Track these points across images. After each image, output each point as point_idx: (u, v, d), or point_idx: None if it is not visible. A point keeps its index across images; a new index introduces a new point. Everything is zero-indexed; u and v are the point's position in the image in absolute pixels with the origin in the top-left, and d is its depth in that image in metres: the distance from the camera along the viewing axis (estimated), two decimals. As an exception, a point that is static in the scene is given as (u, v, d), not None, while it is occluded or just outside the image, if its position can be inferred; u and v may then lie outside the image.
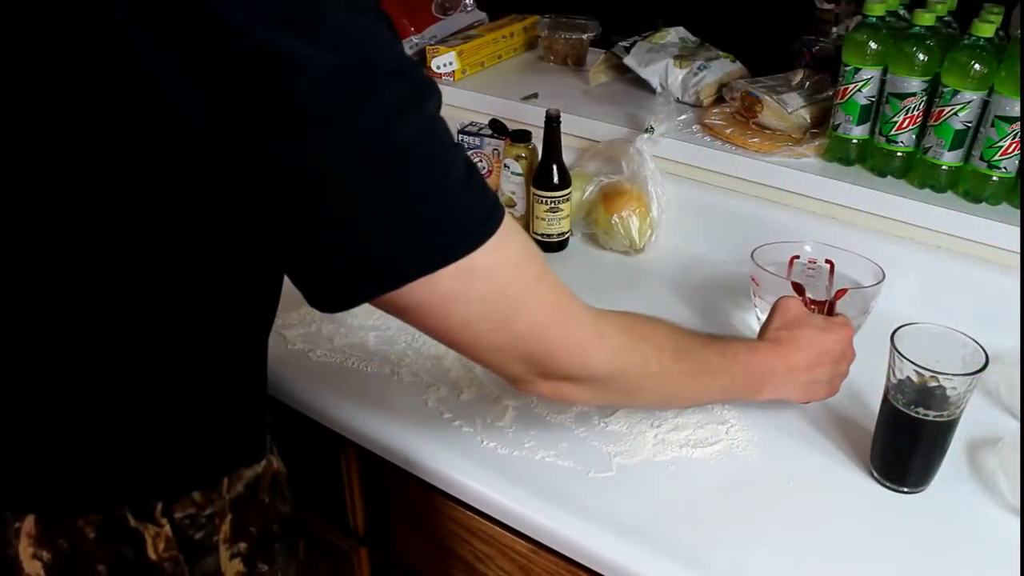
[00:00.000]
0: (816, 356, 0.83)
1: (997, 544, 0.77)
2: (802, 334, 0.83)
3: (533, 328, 0.60)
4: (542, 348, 0.62)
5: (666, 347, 0.71)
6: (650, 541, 0.76)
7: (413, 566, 1.04)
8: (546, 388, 0.66)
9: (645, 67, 1.35)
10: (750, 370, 0.80)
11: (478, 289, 0.56)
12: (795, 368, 0.82)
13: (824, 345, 0.84)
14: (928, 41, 1.04)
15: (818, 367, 0.84)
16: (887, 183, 1.11)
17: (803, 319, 0.85)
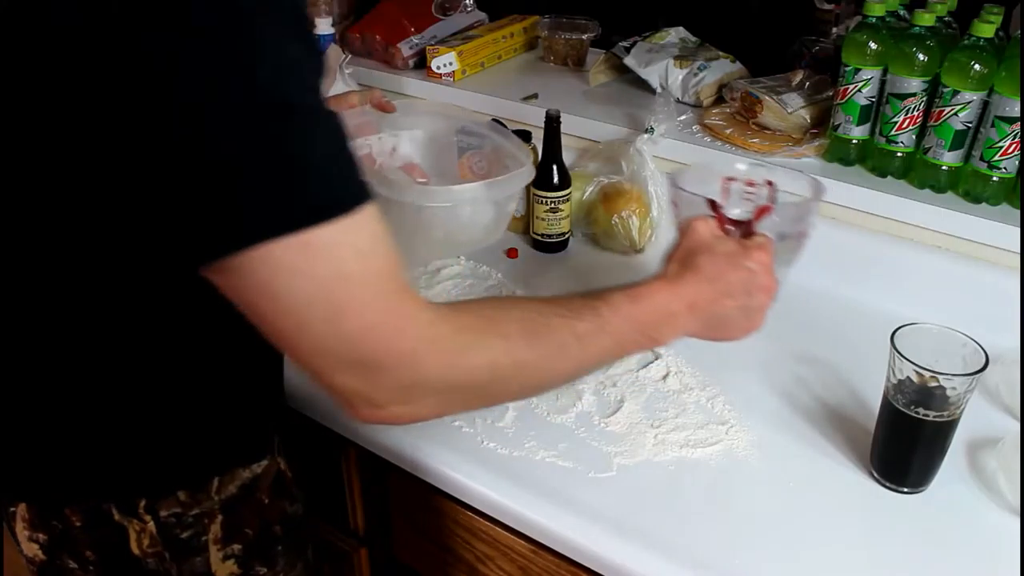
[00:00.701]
0: (723, 288, 0.72)
1: (997, 544, 0.77)
2: (705, 263, 0.73)
3: (363, 331, 0.54)
4: (371, 355, 0.55)
5: (515, 333, 0.63)
6: (650, 541, 0.76)
7: (413, 566, 1.03)
8: (384, 413, 0.58)
9: (645, 67, 1.35)
10: (637, 322, 0.70)
11: (316, 269, 0.52)
12: (698, 305, 0.72)
13: (733, 274, 0.73)
14: (928, 41, 1.04)
15: (727, 300, 0.73)
16: (887, 183, 1.11)
17: (709, 244, 0.74)
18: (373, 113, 1.06)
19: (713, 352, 1.00)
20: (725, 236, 0.76)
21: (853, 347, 1.01)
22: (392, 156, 1.13)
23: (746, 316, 0.75)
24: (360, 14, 1.61)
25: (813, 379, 0.97)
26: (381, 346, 0.55)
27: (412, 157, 1.16)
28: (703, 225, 0.76)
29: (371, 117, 1.07)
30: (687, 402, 0.93)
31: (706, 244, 0.74)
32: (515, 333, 0.63)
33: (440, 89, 1.45)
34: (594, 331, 0.67)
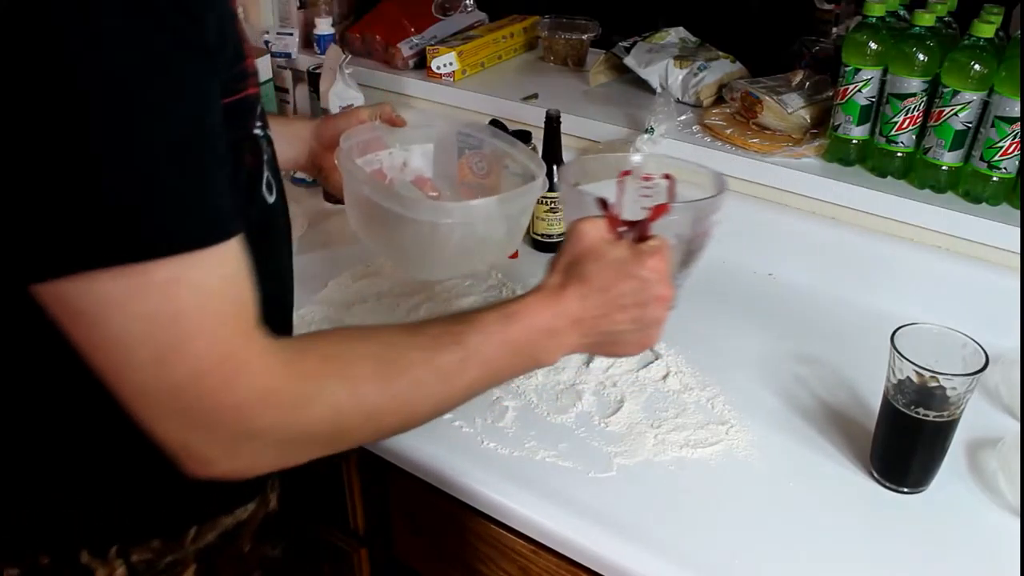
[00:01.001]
0: (613, 301, 0.66)
1: (997, 544, 0.77)
2: (592, 272, 0.65)
3: (190, 380, 0.49)
4: (197, 406, 0.50)
5: (365, 376, 0.57)
6: (650, 541, 0.76)
7: (413, 566, 1.03)
8: (214, 469, 0.53)
9: (645, 67, 1.35)
10: (513, 345, 0.64)
11: (145, 306, 0.47)
12: (584, 320, 0.65)
13: (624, 284, 0.66)
14: (928, 41, 1.04)
15: (617, 313, 0.66)
16: (887, 183, 1.11)
17: (597, 250, 0.67)
18: (383, 128, 1.05)
19: (713, 352, 1.00)
20: (616, 240, 0.68)
21: (853, 347, 1.01)
22: (403, 171, 1.11)
23: (640, 330, 0.68)
24: (360, 14, 1.61)
25: (813, 379, 0.97)
26: (208, 398, 0.49)
27: (424, 171, 1.14)
28: (591, 228, 0.68)
29: (381, 132, 1.06)
30: (687, 402, 0.93)
31: (594, 250, 0.67)
32: (365, 375, 0.57)
33: (440, 89, 1.45)
34: (458, 363, 0.61)
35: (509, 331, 0.63)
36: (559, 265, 0.68)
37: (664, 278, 0.67)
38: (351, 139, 1.00)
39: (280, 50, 1.55)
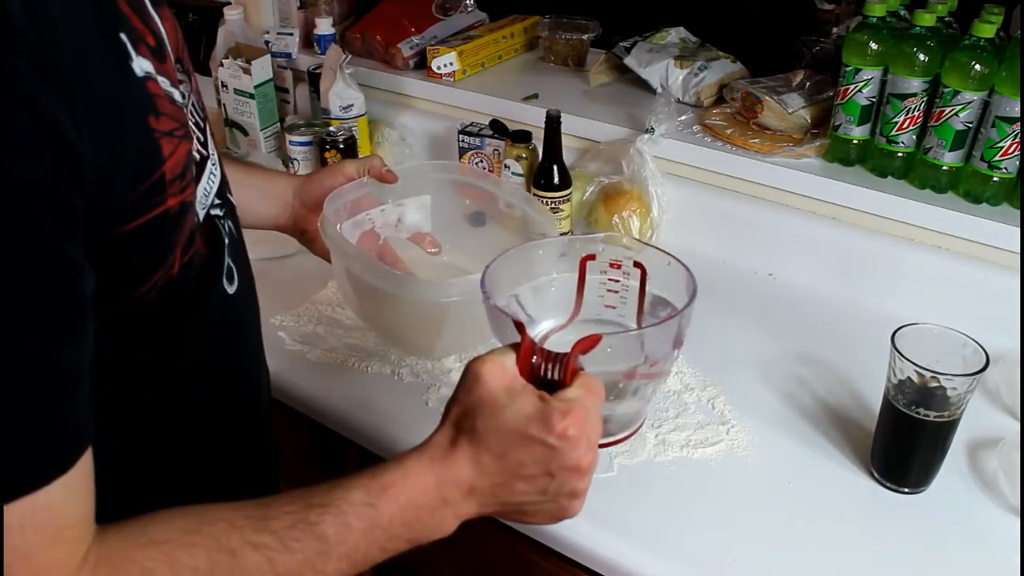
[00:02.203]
0: (511, 469, 0.54)
1: (997, 544, 0.77)
2: (485, 431, 0.53)
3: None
4: None
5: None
6: (650, 541, 0.76)
7: (413, 566, 1.03)
8: None
9: (645, 67, 1.35)
10: (386, 530, 0.54)
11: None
12: (478, 488, 0.54)
13: (525, 451, 0.53)
14: (928, 41, 1.04)
15: (518, 484, 0.54)
16: (888, 183, 1.11)
17: (493, 403, 0.53)
18: (373, 184, 0.95)
19: (713, 352, 1.00)
20: (521, 388, 0.54)
21: (853, 347, 1.01)
22: (398, 227, 1.00)
23: (551, 501, 0.55)
24: (360, 14, 1.61)
25: (813, 379, 0.97)
26: None
27: (421, 226, 1.01)
28: (490, 370, 0.54)
29: (371, 188, 0.96)
30: (688, 402, 0.93)
31: (489, 402, 0.53)
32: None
33: (440, 89, 1.45)
34: (311, 563, 0.50)
35: (380, 512, 0.52)
36: (450, 416, 0.56)
37: (580, 441, 0.53)
38: (337, 201, 0.90)
39: (280, 50, 1.55)
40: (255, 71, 1.44)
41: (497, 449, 0.53)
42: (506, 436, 0.53)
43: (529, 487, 0.54)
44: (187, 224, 0.55)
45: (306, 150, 1.40)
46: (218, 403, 0.66)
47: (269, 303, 0.74)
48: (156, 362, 0.58)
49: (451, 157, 1.39)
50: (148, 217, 0.50)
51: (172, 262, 0.54)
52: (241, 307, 0.67)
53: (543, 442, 0.53)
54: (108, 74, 0.45)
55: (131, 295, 0.52)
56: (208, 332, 0.62)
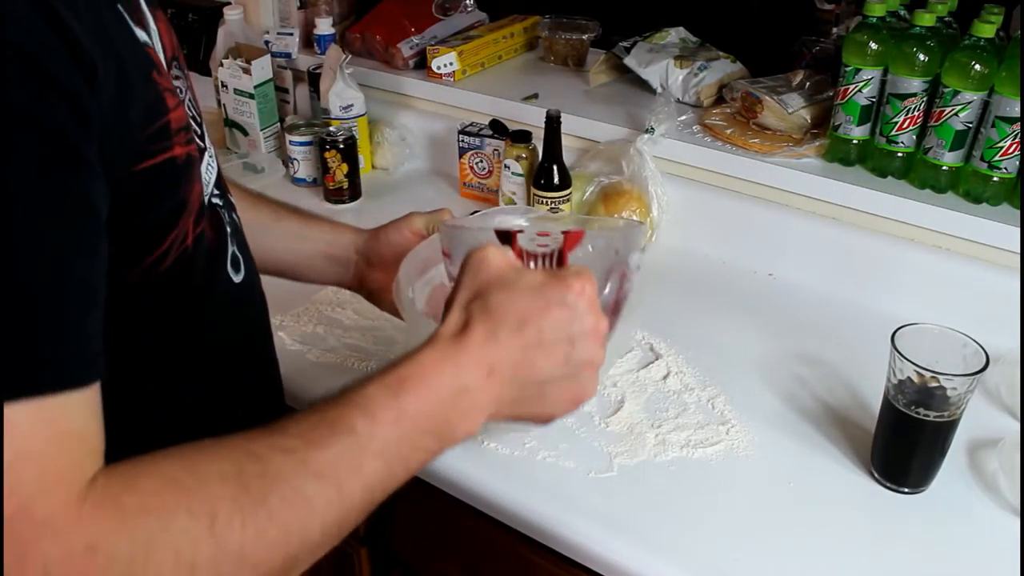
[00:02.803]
0: (534, 337, 0.52)
1: (997, 544, 0.77)
2: (503, 303, 0.52)
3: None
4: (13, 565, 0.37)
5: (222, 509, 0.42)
6: (650, 541, 0.76)
7: (413, 566, 1.03)
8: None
9: (645, 67, 1.35)
10: (413, 424, 0.50)
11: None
12: (499, 368, 0.51)
13: (544, 316, 0.52)
14: (928, 41, 1.04)
15: (539, 358, 0.52)
16: (888, 183, 1.11)
17: (504, 279, 0.53)
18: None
19: (713, 352, 1.00)
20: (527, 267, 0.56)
21: (853, 347, 1.01)
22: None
23: (571, 377, 0.54)
24: (360, 14, 1.61)
25: (813, 379, 0.97)
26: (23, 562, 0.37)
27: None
28: (494, 254, 0.54)
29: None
30: (688, 402, 0.93)
31: (501, 278, 0.53)
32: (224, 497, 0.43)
33: (440, 89, 1.45)
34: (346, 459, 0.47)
35: (403, 404, 0.49)
36: (457, 302, 0.54)
37: (595, 305, 0.53)
38: (410, 263, 0.78)
39: (280, 50, 1.55)
40: (255, 71, 1.44)
41: (514, 319, 0.51)
42: (523, 304, 0.52)
43: (549, 360, 0.52)
44: (195, 185, 0.55)
45: (306, 150, 1.40)
46: (222, 400, 0.66)
47: (269, 303, 0.75)
48: (161, 350, 0.58)
49: (451, 157, 1.40)
50: (158, 160, 0.49)
51: (186, 231, 0.54)
52: (247, 299, 0.66)
53: (562, 302, 0.52)
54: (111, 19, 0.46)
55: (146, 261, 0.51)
56: (214, 320, 0.61)
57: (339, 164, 1.33)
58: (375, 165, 1.49)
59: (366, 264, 0.85)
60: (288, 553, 0.45)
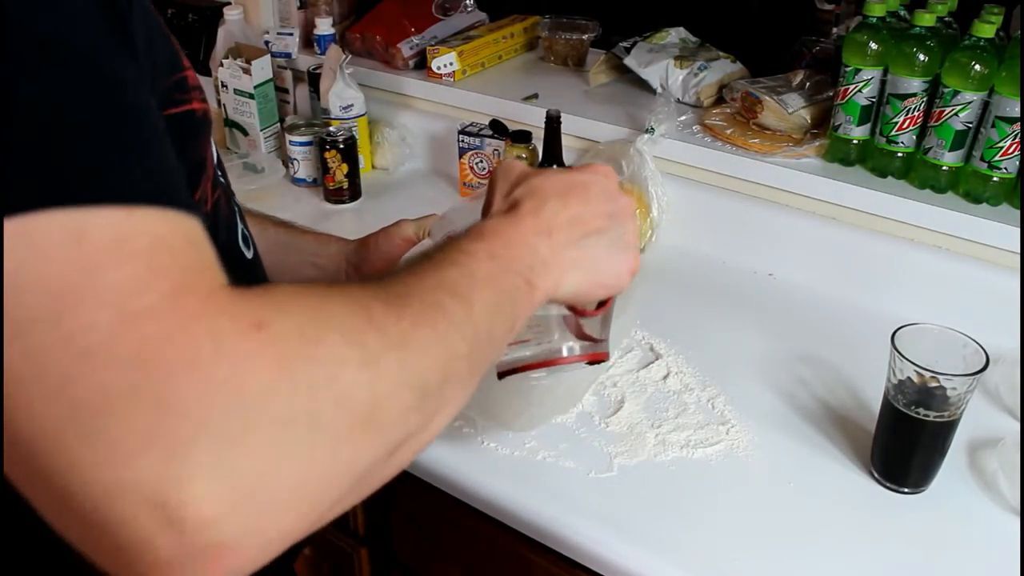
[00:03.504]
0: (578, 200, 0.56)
1: (997, 544, 0.77)
2: (540, 183, 0.56)
3: (136, 366, 0.32)
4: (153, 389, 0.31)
5: (371, 298, 0.41)
6: (650, 541, 0.76)
7: (413, 566, 1.04)
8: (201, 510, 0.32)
9: (645, 68, 1.35)
10: (500, 262, 0.50)
11: (39, 266, 0.31)
12: (557, 228, 0.54)
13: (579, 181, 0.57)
14: (928, 42, 1.04)
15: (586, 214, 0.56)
16: (888, 183, 1.12)
17: (534, 172, 0.58)
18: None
19: (713, 352, 1.00)
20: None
21: (853, 347, 1.01)
22: None
23: (624, 246, 0.58)
24: (360, 14, 1.61)
25: (813, 379, 0.97)
26: (166, 376, 0.32)
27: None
28: (518, 164, 0.59)
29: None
30: (687, 402, 0.93)
31: (531, 172, 0.58)
32: (374, 306, 0.41)
33: (440, 89, 1.45)
34: (464, 283, 0.47)
35: (488, 247, 0.50)
36: (496, 198, 0.56)
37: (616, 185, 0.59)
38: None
39: (280, 50, 1.55)
40: (255, 71, 1.44)
41: (557, 192, 0.55)
42: (561, 181, 0.56)
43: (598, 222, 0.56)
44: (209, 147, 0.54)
45: (306, 150, 1.40)
46: None
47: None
48: None
49: (451, 157, 1.40)
50: (181, 109, 0.49)
51: (206, 195, 0.53)
52: (259, 276, 0.66)
53: (594, 180, 0.57)
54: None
55: None
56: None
57: (339, 164, 1.33)
58: (375, 165, 1.49)
59: (356, 273, 0.85)
60: (441, 360, 0.43)
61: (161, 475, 0.31)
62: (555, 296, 0.55)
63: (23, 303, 0.31)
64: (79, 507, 0.31)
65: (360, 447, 0.37)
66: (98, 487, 0.31)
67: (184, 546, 0.31)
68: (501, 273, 0.50)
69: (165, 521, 0.31)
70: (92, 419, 0.31)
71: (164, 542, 0.31)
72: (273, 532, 0.34)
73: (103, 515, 0.31)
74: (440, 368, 0.42)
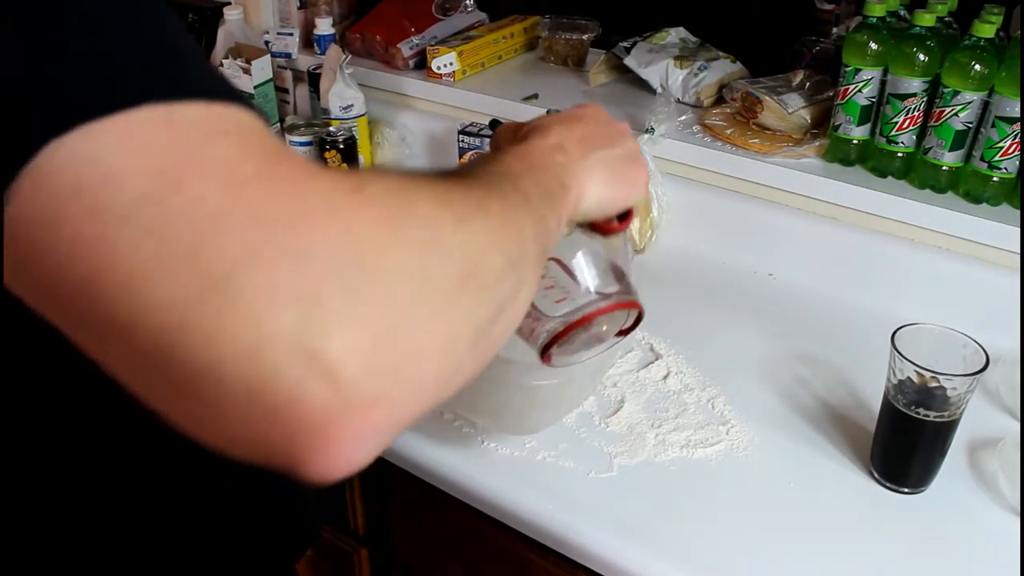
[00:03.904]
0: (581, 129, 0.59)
1: (997, 544, 0.77)
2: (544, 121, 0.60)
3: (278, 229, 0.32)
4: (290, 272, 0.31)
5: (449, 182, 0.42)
6: (650, 541, 0.76)
7: (413, 566, 1.04)
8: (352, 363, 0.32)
9: (645, 68, 1.35)
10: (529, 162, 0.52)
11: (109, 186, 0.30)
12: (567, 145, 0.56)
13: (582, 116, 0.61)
14: (928, 42, 1.04)
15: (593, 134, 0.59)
16: (887, 184, 1.12)
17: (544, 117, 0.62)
18: None
19: (713, 352, 1.00)
20: None
21: (853, 347, 1.01)
22: None
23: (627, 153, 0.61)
24: (360, 14, 1.61)
25: (813, 379, 0.97)
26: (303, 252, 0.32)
27: None
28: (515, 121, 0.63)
29: None
30: (687, 402, 0.93)
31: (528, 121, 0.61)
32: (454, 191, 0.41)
33: (440, 89, 1.45)
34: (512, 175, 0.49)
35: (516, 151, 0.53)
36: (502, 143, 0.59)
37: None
38: None
39: (280, 50, 1.55)
40: (255, 71, 1.44)
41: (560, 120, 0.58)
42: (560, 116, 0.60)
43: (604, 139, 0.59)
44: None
45: (306, 150, 1.40)
46: None
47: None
48: None
49: (451, 157, 1.39)
50: None
51: None
52: None
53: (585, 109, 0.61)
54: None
55: None
56: None
57: (339, 164, 1.33)
58: (375, 165, 1.49)
59: None
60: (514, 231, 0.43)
61: (304, 324, 0.31)
62: (580, 206, 0.56)
63: (128, 186, 0.30)
64: (225, 377, 0.31)
65: (470, 303, 0.37)
66: (243, 349, 0.30)
67: (338, 395, 0.31)
68: (535, 173, 0.51)
69: (316, 369, 0.31)
70: (224, 282, 0.30)
71: (318, 392, 0.31)
72: (415, 385, 0.34)
73: (252, 378, 0.31)
74: (516, 239, 0.43)
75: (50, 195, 0.30)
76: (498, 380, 0.76)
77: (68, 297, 0.31)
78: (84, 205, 0.30)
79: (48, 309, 0.32)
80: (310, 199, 0.33)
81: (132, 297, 0.30)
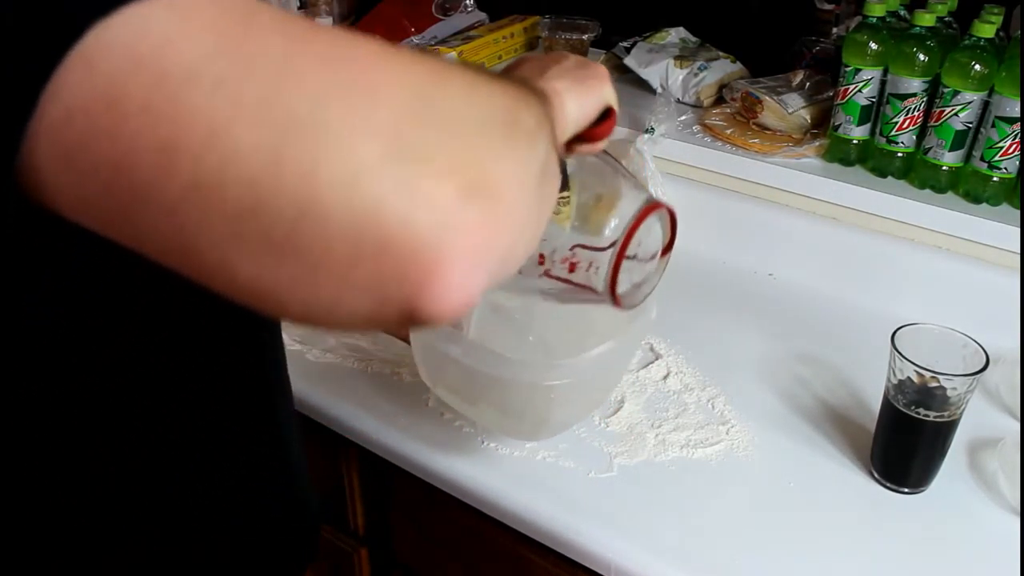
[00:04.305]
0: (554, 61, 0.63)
1: (997, 544, 0.77)
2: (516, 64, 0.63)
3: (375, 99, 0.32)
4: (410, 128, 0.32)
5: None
6: (650, 542, 0.76)
7: (413, 566, 1.04)
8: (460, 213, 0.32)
9: (645, 67, 1.35)
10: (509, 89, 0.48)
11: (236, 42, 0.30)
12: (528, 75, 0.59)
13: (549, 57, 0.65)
14: (928, 41, 1.04)
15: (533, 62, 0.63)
16: (887, 183, 1.12)
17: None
18: None
19: (713, 352, 1.00)
20: None
21: (853, 347, 1.01)
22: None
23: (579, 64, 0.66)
24: (360, 14, 1.61)
25: (813, 379, 0.97)
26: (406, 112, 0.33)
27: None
28: None
29: None
30: (687, 402, 0.93)
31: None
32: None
33: None
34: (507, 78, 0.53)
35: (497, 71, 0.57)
36: None
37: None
38: None
39: (280, 50, 1.55)
40: (255, 71, 1.44)
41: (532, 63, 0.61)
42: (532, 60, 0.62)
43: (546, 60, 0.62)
44: None
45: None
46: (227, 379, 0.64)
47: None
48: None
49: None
50: None
51: None
52: None
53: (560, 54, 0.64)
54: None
55: None
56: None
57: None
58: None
59: None
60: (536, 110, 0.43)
61: (393, 154, 0.31)
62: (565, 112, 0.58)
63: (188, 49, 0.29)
64: (328, 216, 0.30)
65: (521, 143, 0.37)
66: (340, 181, 0.30)
67: (445, 216, 0.31)
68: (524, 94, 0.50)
69: (416, 196, 0.31)
70: (309, 117, 0.30)
71: (423, 216, 0.31)
72: (506, 208, 0.34)
73: (356, 208, 0.30)
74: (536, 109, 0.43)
75: (108, 75, 0.28)
76: (512, 382, 0.75)
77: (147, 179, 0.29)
78: (148, 74, 0.28)
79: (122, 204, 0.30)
80: (363, 49, 0.33)
81: (217, 151, 0.29)
